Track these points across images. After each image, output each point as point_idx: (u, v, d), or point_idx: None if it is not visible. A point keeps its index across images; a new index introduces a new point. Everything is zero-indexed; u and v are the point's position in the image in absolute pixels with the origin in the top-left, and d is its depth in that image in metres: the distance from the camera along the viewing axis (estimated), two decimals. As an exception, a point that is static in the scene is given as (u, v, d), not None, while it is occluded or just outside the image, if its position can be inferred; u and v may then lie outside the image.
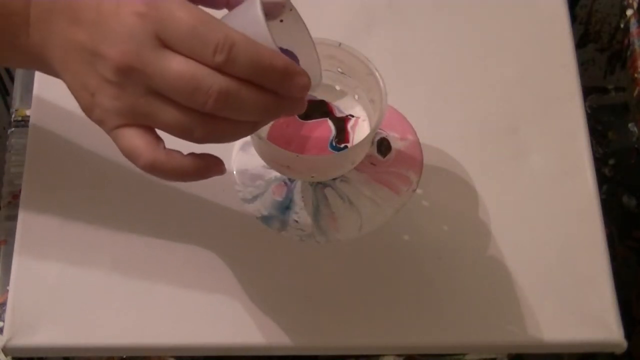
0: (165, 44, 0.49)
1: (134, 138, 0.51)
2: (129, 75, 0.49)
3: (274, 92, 0.50)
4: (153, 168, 0.51)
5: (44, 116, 0.70)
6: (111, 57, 0.49)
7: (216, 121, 0.50)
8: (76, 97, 0.53)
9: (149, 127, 0.52)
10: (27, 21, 0.54)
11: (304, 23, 0.58)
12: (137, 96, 0.50)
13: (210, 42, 0.48)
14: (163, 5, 0.49)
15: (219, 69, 0.49)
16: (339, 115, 0.66)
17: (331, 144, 0.66)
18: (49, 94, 0.71)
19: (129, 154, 0.52)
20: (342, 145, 0.65)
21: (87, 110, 0.52)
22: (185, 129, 0.50)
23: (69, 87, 0.53)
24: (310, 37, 0.58)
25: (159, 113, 0.50)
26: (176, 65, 0.49)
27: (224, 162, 0.54)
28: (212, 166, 0.53)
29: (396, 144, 0.68)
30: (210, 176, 0.53)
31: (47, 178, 0.68)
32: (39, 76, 0.72)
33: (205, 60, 0.49)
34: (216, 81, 0.49)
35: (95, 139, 0.69)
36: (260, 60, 0.49)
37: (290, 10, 0.57)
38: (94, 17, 0.50)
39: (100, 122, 0.52)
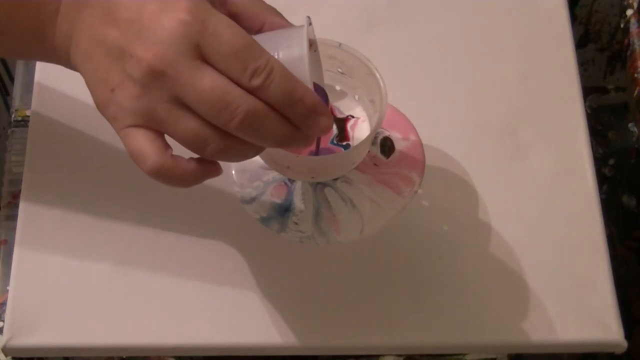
0: (203, 57, 0.49)
1: (144, 140, 0.51)
2: (158, 79, 0.49)
3: (295, 125, 0.51)
4: (159, 173, 0.51)
5: (43, 116, 0.70)
6: (144, 58, 0.49)
7: (232, 140, 0.51)
8: (92, 91, 0.53)
9: (160, 132, 0.52)
10: (57, 10, 0.54)
11: (321, 66, 0.59)
12: (159, 101, 0.50)
13: (251, 65, 0.49)
14: (209, 20, 0.49)
15: (252, 91, 0.49)
16: (339, 116, 0.66)
17: (332, 141, 0.66)
18: (49, 94, 0.71)
19: (136, 156, 0.51)
20: (345, 143, 0.65)
21: (102, 105, 0.52)
22: (200, 143, 0.50)
23: (87, 80, 0.53)
24: (323, 81, 0.59)
25: (178, 122, 0.50)
26: (210, 80, 0.49)
27: (220, 165, 0.54)
28: (212, 171, 0.53)
29: (398, 144, 0.68)
30: (209, 178, 0.54)
31: (47, 178, 0.68)
32: (39, 76, 0.72)
33: (241, 82, 0.49)
34: (246, 102, 0.49)
35: (95, 139, 0.69)
36: (293, 91, 0.50)
37: (315, 51, 0.58)
38: (133, 16, 0.50)
39: (112, 119, 0.52)
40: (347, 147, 0.65)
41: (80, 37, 0.53)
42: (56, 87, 0.71)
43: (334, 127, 0.66)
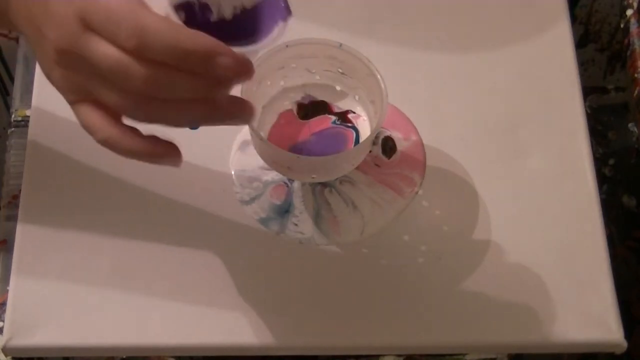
0: (90, 28, 0.50)
1: (90, 113, 0.52)
2: (68, 57, 0.50)
3: (202, 75, 0.50)
4: (107, 144, 0.52)
5: (44, 116, 0.70)
6: (51, 40, 0.50)
7: (156, 103, 0.50)
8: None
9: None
10: None
11: None
12: (81, 77, 0.51)
13: (122, 27, 0.48)
14: None
15: (134, 54, 0.49)
16: (337, 111, 0.66)
17: (334, 122, 0.66)
18: (49, 95, 0.71)
19: (86, 129, 0.52)
20: (350, 125, 0.66)
21: (51, 83, 0.54)
22: (127, 110, 0.51)
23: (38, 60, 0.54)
24: None
25: (102, 93, 0.51)
26: (102, 50, 0.49)
27: (180, 154, 0.53)
28: (166, 155, 0.53)
29: (400, 144, 0.68)
30: (163, 164, 0.53)
31: (47, 178, 0.68)
32: (39, 76, 0.72)
33: (123, 46, 0.49)
34: (137, 67, 0.49)
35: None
36: (175, 44, 0.48)
37: None
38: None
39: (62, 95, 0.53)
40: (353, 128, 0.65)
41: (21, 20, 0.54)
42: (56, 87, 0.71)
43: (334, 117, 0.66)
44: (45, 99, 0.71)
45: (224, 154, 0.69)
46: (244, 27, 0.58)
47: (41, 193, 0.67)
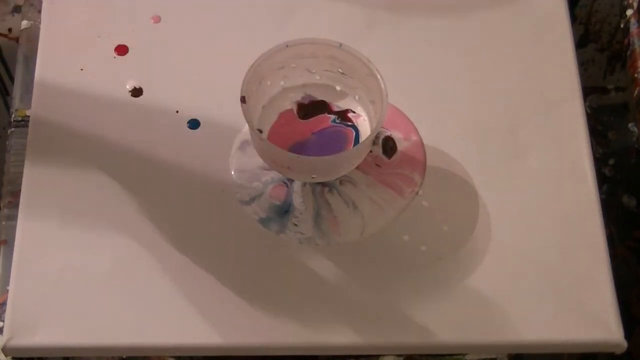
0: None
1: None
2: None
3: None
4: None
5: (44, 116, 0.70)
6: None
7: None
8: None
9: None
10: None
11: None
12: None
13: None
14: None
15: None
16: (336, 110, 0.67)
17: (334, 121, 0.66)
18: (49, 95, 0.71)
19: None
20: (350, 124, 0.66)
21: None
22: None
23: None
24: None
25: None
26: None
27: None
28: None
29: (400, 144, 0.68)
30: None
31: (47, 178, 0.68)
32: (39, 76, 0.72)
33: None
34: None
35: (95, 139, 0.69)
36: None
37: None
38: None
39: None
40: (352, 127, 0.65)
41: None
42: (56, 87, 0.71)
43: (333, 116, 0.66)
44: (45, 99, 0.71)
45: (224, 154, 0.69)
46: None
47: (41, 193, 0.67)
